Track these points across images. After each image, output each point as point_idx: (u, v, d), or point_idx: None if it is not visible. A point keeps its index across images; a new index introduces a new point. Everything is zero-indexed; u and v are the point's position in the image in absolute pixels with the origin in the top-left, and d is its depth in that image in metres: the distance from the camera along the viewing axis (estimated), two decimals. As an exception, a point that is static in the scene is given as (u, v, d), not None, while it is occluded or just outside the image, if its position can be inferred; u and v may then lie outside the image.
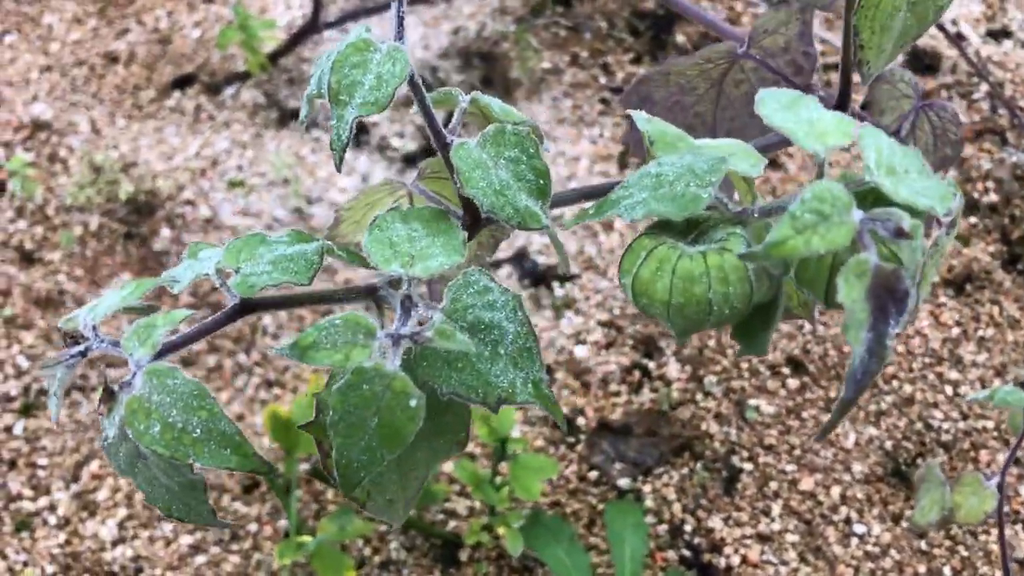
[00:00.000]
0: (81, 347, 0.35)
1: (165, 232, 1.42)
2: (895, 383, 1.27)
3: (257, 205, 1.44)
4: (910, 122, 0.76)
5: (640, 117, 0.45)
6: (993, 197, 1.43)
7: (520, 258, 1.40)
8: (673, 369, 1.29)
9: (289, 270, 0.36)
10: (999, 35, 1.64)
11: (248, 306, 0.38)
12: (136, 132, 1.52)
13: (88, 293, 1.35)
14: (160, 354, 0.36)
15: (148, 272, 1.37)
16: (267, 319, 1.35)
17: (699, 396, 1.27)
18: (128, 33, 1.64)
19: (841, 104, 0.59)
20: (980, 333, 1.31)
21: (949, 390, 1.27)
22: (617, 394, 1.28)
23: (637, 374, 1.29)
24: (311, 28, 1.53)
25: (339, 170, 0.37)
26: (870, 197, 0.34)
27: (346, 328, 0.34)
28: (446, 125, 0.42)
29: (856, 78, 0.60)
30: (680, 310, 0.37)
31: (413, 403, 0.34)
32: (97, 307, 0.36)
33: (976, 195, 1.43)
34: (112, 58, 1.61)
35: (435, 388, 0.37)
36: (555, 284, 1.37)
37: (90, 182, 1.42)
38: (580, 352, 1.32)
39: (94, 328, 0.36)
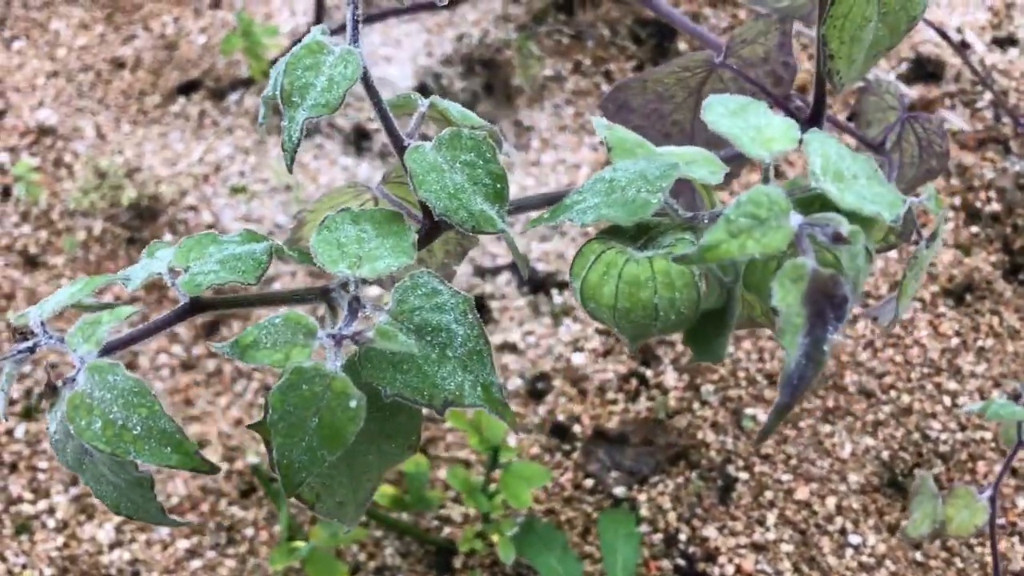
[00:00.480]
0: (29, 343, 0.36)
1: (167, 237, 1.43)
2: (893, 393, 1.26)
3: (259, 211, 1.45)
4: (896, 133, 0.75)
5: (600, 123, 0.45)
6: (995, 207, 1.42)
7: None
8: (670, 378, 1.29)
9: (237, 269, 0.37)
10: (1005, 43, 1.63)
11: (198, 305, 0.38)
12: (141, 137, 1.53)
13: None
14: (106, 351, 0.36)
15: (149, 276, 1.38)
16: (266, 324, 1.36)
17: (696, 405, 1.27)
18: (135, 39, 1.65)
19: (815, 114, 0.59)
20: (980, 343, 1.30)
21: (948, 401, 1.26)
22: (614, 402, 1.28)
23: (634, 382, 1.29)
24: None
25: (290, 171, 0.38)
26: (816, 203, 0.34)
27: (286, 327, 0.34)
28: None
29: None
30: (626, 315, 0.37)
31: (353, 404, 0.34)
32: (47, 303, 0.37)
33: (979, 204, 1.42)
34: (118, 64, 1.62)
35: (381, 390, 0.37)
36: (554, 291, 1.37)
37: (94, 187, 1.43)
38: (578, 359, 1.32)
39: (42, 324, 0.36)
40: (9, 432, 1.25)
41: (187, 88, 1.60)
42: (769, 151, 0.34)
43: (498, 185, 0.42)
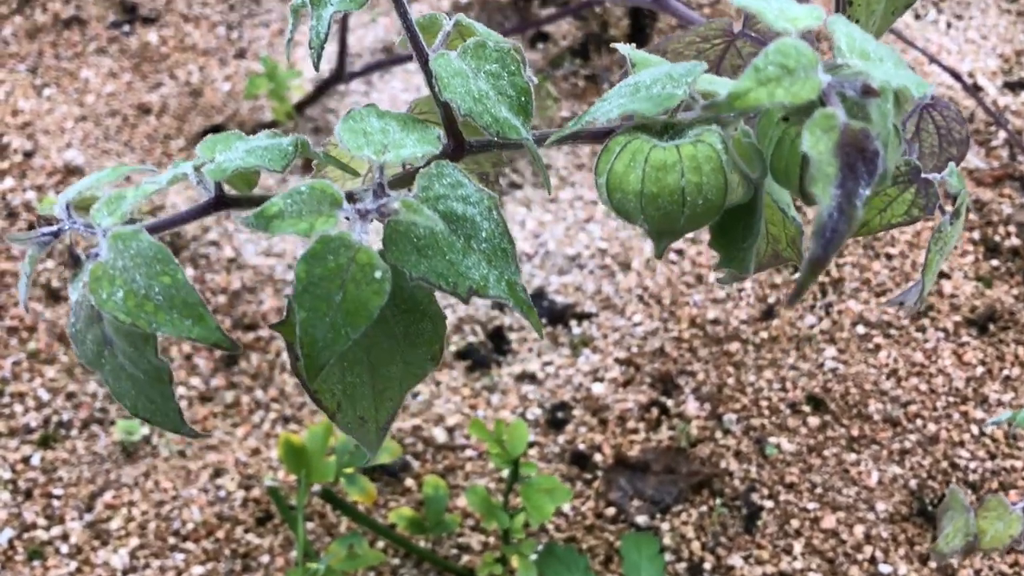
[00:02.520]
0: (54, 227, 0.36)
1: (189, 271, 1.44)
2: (919, 421, 1.24)
3: (280, 246, 1.46)
4: (914, 123, 0.76)
5: (624, 47, 0.45)
6: (1015, 241, 1.41)
7: (538, 297, 1.40)
8: (692, 407, 1.27)
9: (263, 157, 0.37)
10: (1016, 87, 1.65)
11: (223, 201, 0.38)
12: (164, 177, 1.56)
13: (109, 330, 1.37)
14: (131, 234, 0.36)
15: (169, 310, 1.38)
16: (286, 356, 1.36)
17: (718, 434, 1.25)
18: (161, 86, 1.69)
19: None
20: (1005, 372, 1.28)
21: (975, 429, 1.23)
22: (635, 431, 1.26)
23: (655, 411, 1.27)
24: (336, 79, 1.57)
25: (316, 68, 0.38)
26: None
27: (312, 197, 0.34)
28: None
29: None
30: (653, 200, 0.37)
31: (378, 275, 0.34)
32: (73, 187, 0.37)
33: (997, 239, 1.42)
34: (144, 109, 1.66)
35: (406, 275, 0.37)
36: (573, 322, 1.37)
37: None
38: (597, 389, 1.30)
39: (67, 208, 0.36)
40: (25, 459, 1.24)
41: (211, 132, 1.62)
42: (795, 26, 0.34)
43: (522, 98, 0.43)
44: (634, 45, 0.47)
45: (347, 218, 0.35)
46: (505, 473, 1.18)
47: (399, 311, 0.40)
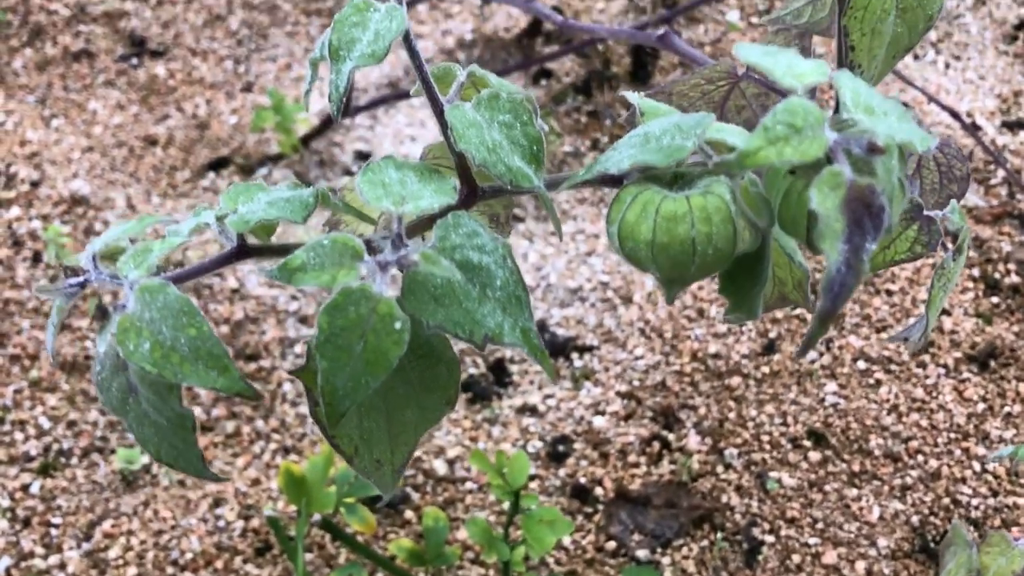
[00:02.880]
0: (80, 278, 0.36)
1: (194, 301, 1.44)
2: (920, 457, 1.24)
3: (282, 277, 1.47)
4: (915, 160, 0.77)
5: (632, 96, 0.46)
6: (1015, 279, 1.42)
7: (539, 329, 1.41)
8: (693, 441, 1.27)
9: (285, 209, 0.38)
10: (1014, 127, 1.66)
11: (245, 249, 0.39)
12: (170, 208, 1.57)
13: (113, 360, 1.37)
14: (156, 283, 0.37)
15: (173, 340, 1.39)
16: (287, 386, 1.36)
17: (719, 468, 1.25)
18: (168, 119, 1.71)
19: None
20: (1006, 409, 1.28)
21: (977, 465, 1.24)
22: (636, 465, 1.26)
23: (656, 445, 1.27)
24: (342, 112, 1.59)
25: (334, 121, 0.39)
26: (847, 130, 0.35)
27: (334, 249, 0.35)
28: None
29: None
30: (664, 250, 0.38)
31: (398, 325, 0.35)
32: (99, 239, 0.38)
33: (997, 276, 1.43)
34: (151, 141, 1.67)
35: (423, 323, 0.38)
36: (574, 355, 1.37)
37: (123, 249, 1.46)
38: (599, 423, 1.31)
39: (94, 259, 0.37)
40: (25, 488, 1.24)
41: (217, 164, 1.64)
42: (801, 82, 0.36)
43: (534, 147, 0.44)
44: (637, 83, 0.48)
45: (368, 270, 0.35)
46: (505, 506, 1.18)
47: (415, 357, 0.41)
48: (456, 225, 0.38)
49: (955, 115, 1.51)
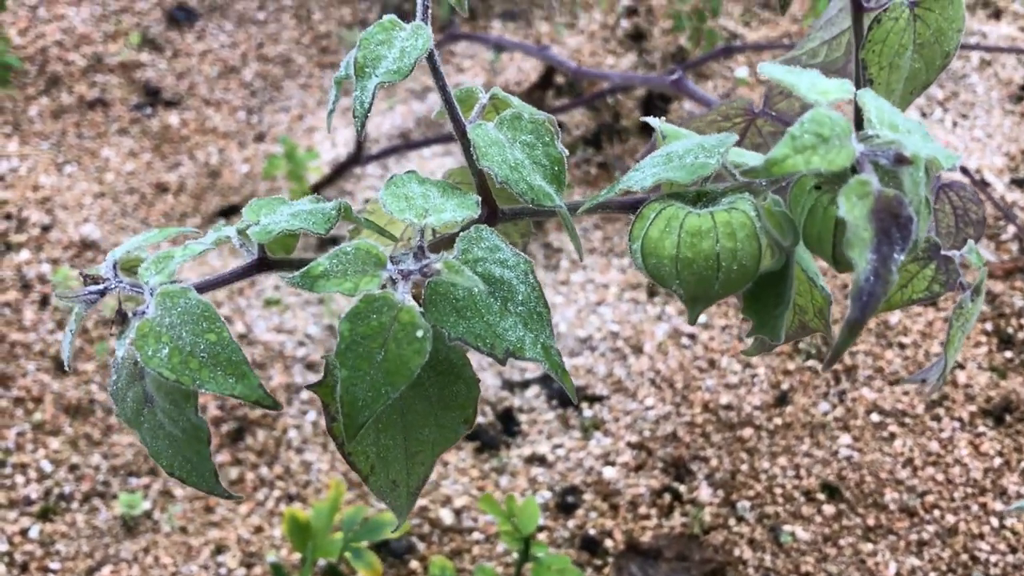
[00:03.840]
0: (101, 286, 0.36)
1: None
2: (936, 512, 1.22)
3: (291, 323, 1.46)
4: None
5: (654, 119, 0.46)
6: (1028, 332, 1.42)
7: (548, 378, 1.39)
8: (705, 493, 1.25)
9: (307, 220, 0.37)
10: (1023, 184, 1.67)
11: (266, 262, 0.39)
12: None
13: (119, 405, 1.37)
14: (175, 291, 0.37)
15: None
16: (292, 433, 1.35)
17: (732, 521, 1.23)
18: (180, 166, 1.72)
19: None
20: (1023, 464, 1.26)
21: (995, 521, 1.21)
22: (647, 517, 1.24)
23: (667, 497, 1.25)
24: (354, 161, 1.60)
25: (359, 135, 0.39)
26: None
27: (357, 257, 0.34)
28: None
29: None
30: (689, 265, 0.37)
31: (420, 334, 0.34)
32: (120, 248, 0.38)
33: (1010, 330, 1.42)
34: (162, 188, 1.68)
35: (443, 338, 0.37)
36: (584, 405, 1.36)
37: (130, 298, 1.46)
38: (609, 474, 1.29)
39: (115, 267, 0.37)
40: (24, 532, 1.22)
41: (227, 211, 1.65)
42: (825, 98, 0.35)
43: (556, 168, 0.44)
44: (647, 136, 0.48)
45: (390, 278, 0.35)
46: (514, 556, 1.16)
47: (434, 373, 0.40)
48: (478, 239, 0.38)
49: (964, 171, 1.51)
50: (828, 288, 0.46)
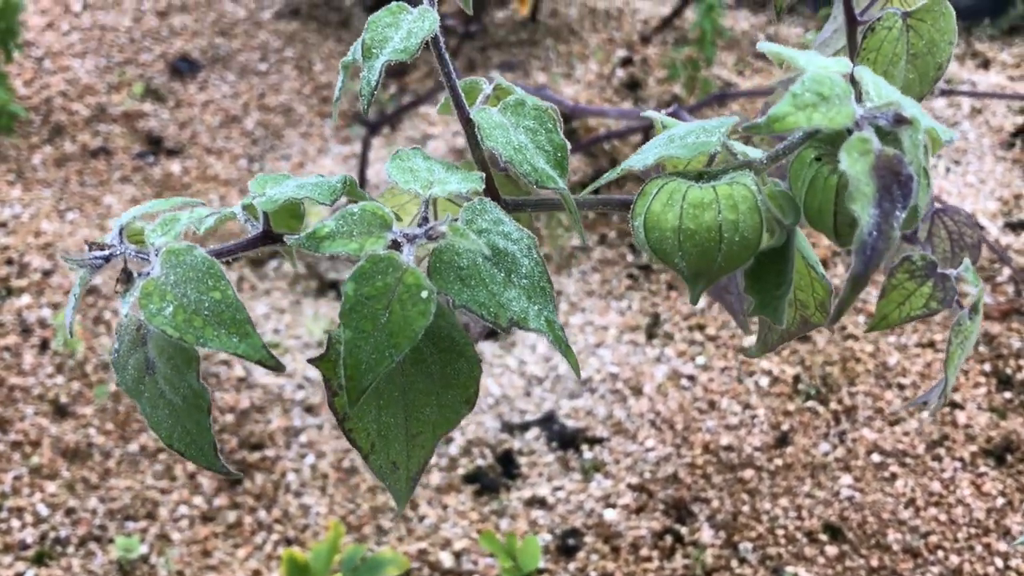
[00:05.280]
0: (106, 252, 0.36)
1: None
2: (940, 553, 1.21)
3: (291, 365, 1.46)
4: (926, 228, 0.77)
5: (653, 112, 0.47)
6: (1027, 374, 1.41)
7: (548, 421, 1.39)
8: (707, 534, 1.24)
9: (313, 191, 0.38)
10: (1017, 227, 1.68)
11: (271, 235, 0.39)
12: (179, 299, 1.57)
13: (116, 448, 1.35)
14: (182, 258, 0.37)
15: (176, 428, 1.37)
16: (291, 476, 1.33)
17: (734, 563, 1.21)
18: (181, 213, 1.73)
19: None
20: (1027, 503, 1.25)
21: (999, 562, 1.20)
22: (648, 559, 1.22)
23: (669, 539, 1.24)
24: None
25: (366, 113, 0.40)
26: (871, 117, 0.35)
27: (363, 218, 0.35)
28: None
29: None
30: (691, 236, 0.38)
31: (424, 295, 0.34)
32: (126, 214, 0.38)
33: (1009, 371, 1.41)
34: (164, 234, 1.69)
35: (445, 312, 0.37)
36: (584, 447, 1.35)
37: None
38: (610, 516, 1.27)
39: (120, 232, 0.37)
40: (18, 576, 1.20)
41: (227, 257, 1.65)
42: (826, 70, 0.36)
43: (558, 153, 0.44)
44: (642, 181, 0.49)
45: (396, 241, 0.35)
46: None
47: (437, 350, 0.40)
48: (482, 211, 0.38)
49: (959, 214, 1.53)
50: (828, 277, 0.46)
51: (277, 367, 0.34)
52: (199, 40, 2.07)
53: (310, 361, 0.38)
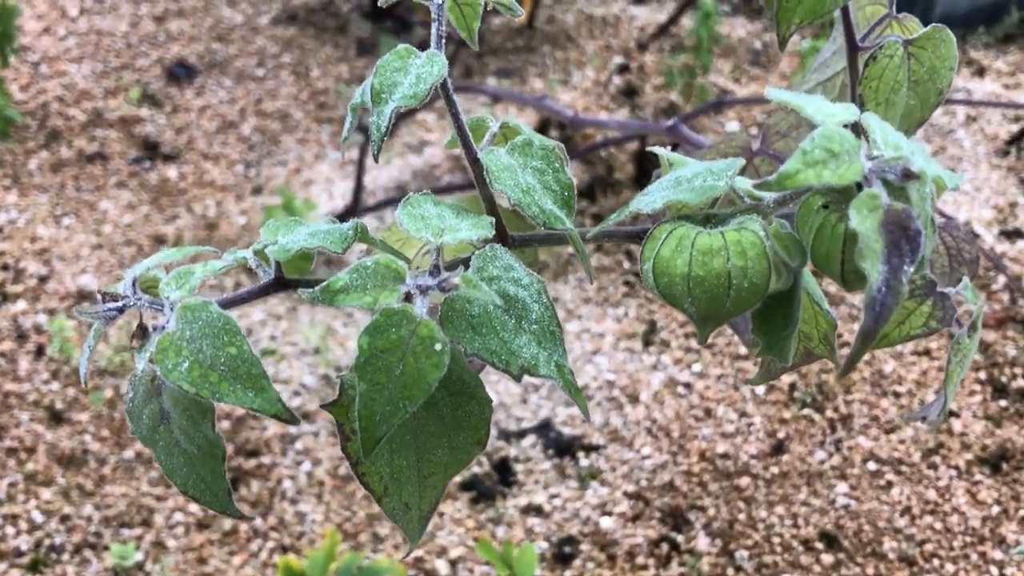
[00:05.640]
0: (119, 303, 0.36)
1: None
2: (936, 561, 1.21)
3: (287, 372, 1.46)
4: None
5: (660, 149, 0.47)
6: (1022, 382, 1.42)
7: (545, 428, 1.39)
8: (703, 542, 1.25)
9: (326, 239, 0.38)
10: (1012, 235, 1.69)
11: (283, 282, 0.39)
12: (176, 305, 1.57)
13: (111, 455, 1.35)
14: (195, 306, 0.37)
15: (174, 435, 1.38)
16: (287, 483, 1.34)
17: (730, 571, 1.22)
18: (177, 219, 1.73)
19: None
20: (1022, 512, 1.26)
21: (994, 570, 1.21)
22: (644, 567, 1.23)
23: (665, 547, 1.24)
24: (351, 212, 1.61)
25: (376, 160, 0.40)
26: (878, 167, 0.36)
27: (376, 271, 0.35)
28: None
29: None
30: (700, 283, 0.38)
31: (438, 347, 0.35)
32: (140, 265, 0.38)
33: (1004, 379, 1.42)
34: (160, 239, 1.69)
35: (457, 357, 0.37)
36: (580, 454, 1.36)
37: (127, 347, 1.45)
38: (606, 524, 1.28)
39: (134, 284, 0.37)
40: (16, 587, 1.20)
41: (224, 262, 1.65)
42: (832, 120, 0.37)
43: (566, 193, 0.44)
44: (639, 188, 0.49)
45: (409, 293, 0.36)
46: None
47: (448, 393, 0.40)
48: (493, 258, 0.39)
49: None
50: (833, 312, 0.47)
51: (292, 421, 0.35)
52: (196, 45, 2.06)
53: (323, 407, 0.38)
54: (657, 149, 0.47)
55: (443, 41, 0.43)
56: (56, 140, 1.86)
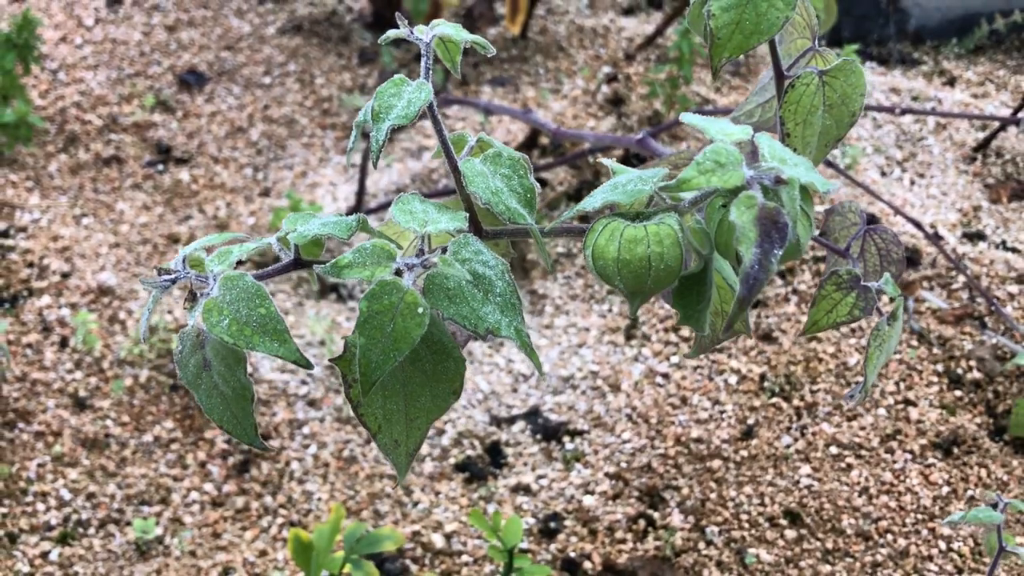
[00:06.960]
0: (172, 276, 0.47)
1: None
2: (889, 536, 1.32)
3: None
4: (859, 244, 0.89)
5: (606, 160, 0.58)
6: (976, 374, 1.53)
7: (533, 414, 1.50)
8: (676, 519, 1.35)
9: (335, 228, 0.49)
10: (974, 237, 1.80)
11: (300, 262, 0.50)
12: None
13: (132, 438, 1.46)
14: (234, 280, 0.48)
15: (189, 420, 1.48)
16: (295, 465, 1.44)
17: (701, 544, 1.32)
18: (190, 219, 1.84)
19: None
20: (969, 492, 1.37)
21: (943, 544, 1.31)
22: (623, 541, 1.34)
23: (642, 523, 1.35)
24: (354, 213, 1.72)
25: (375, 166, 0.51)
26: (763, 175, 0.46)
27: (373, 252, 0.46)
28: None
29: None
30: (627, 265, 0.49)
31: (420, 311, 0.45)
32: (188, 247, 0.49)
33: (960, 371, 1.53)
34: (173, 238, 1.80)
35: (437, 322, 0.48)
36: (566, 439, 1.46)
37: (144, 341, 1.56)
38: (588, 501, 1.39)
39: (184, 261, 0.48)
40: (44, 555, 1.31)
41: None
42: (729, 139, 0.47)
43: (528, 195, 0.55)
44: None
45: (399, 269, 0.46)
46: (500, 572, 1.25)
47: (430, 352, 0.51)
48: (466, 244, 0.50)
49: (919, 226, 1.64)
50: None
51: (308, 366, 0.45)
52: (206, 54, 2.17)
53: (331, 360, 0.49)
54: (606, 161, 0.58)
55: (430, 72, 0.54)
56: (74, 144, 1.97)
